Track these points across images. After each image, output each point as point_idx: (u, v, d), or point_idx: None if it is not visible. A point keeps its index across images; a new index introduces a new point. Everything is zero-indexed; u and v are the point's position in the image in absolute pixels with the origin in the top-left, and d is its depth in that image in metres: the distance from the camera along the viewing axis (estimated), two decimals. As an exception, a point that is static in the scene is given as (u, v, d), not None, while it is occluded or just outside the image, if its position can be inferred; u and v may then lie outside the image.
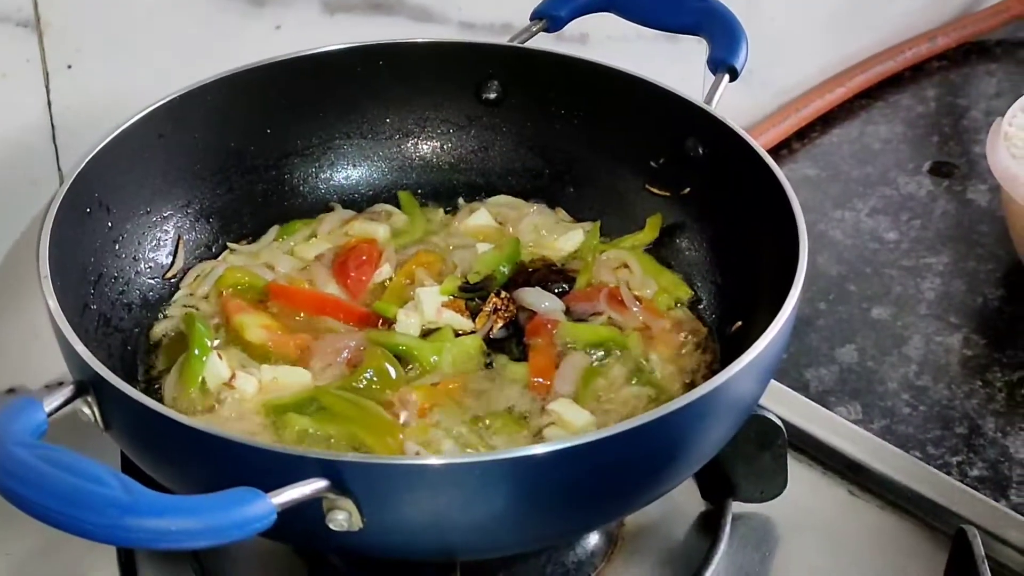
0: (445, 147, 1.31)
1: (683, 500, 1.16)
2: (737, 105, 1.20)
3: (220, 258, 1.22)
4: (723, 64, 1.20)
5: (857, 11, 1.84)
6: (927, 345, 1.39)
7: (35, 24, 1.12)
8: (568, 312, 1.17)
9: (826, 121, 1.80)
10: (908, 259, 1.53)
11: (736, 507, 1.15)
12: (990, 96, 1.85)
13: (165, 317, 1.16)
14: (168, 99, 1.16)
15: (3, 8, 1.10)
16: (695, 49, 1.51)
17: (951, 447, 1.26)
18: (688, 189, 1.22)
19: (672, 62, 1.52)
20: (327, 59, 1.24)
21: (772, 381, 1.04)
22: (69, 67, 1.15)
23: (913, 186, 1.66)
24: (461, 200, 1.30)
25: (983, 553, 1.05)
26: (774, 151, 1.70)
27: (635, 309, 1.16)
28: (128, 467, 0.97)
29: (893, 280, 1.49)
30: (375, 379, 1.06)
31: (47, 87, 1.15)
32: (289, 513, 0.80)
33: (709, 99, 1.18)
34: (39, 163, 1.18)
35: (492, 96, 1.29)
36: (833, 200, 1.63)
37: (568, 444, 0.86)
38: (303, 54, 1.23)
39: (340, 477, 0.83)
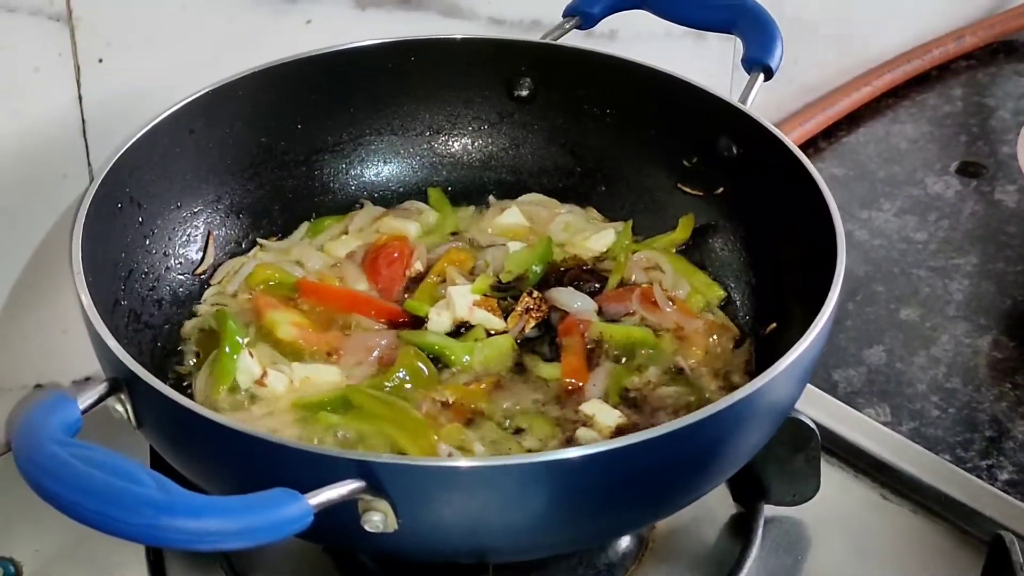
0: (476, 144, 1.30)
1: (714, 503, 1.15)
2: (763, 102, 1.19)
3: (250, 254, 1.22)
4: (758, 63, 1.19)
5: (883, 9, 1.84)
6: (956, 347, 1.39)
7: (67, 18, 1.11)
8: (600, 312, 1.16)
9: (852, 120, 1.79)
10: (936, 260, 1.52)
11: (768, 510, 1.15)
12: (1018, 96, 1.84)
13: (195, 314, 1.15)
14: (199, 94, 1.16)
15: (35, 2, 1.09)
16: (723, 47, 1.51)
17: (981, 450, 1.25)
18: (721, 189, 1.22)
19: (699, 60, 1.51)
20: (358, 54, 1.24)
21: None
22: (100, 61, 1.15)
23: (941, 186, 1.65)
24: (492, 198, 1.29)
25: (1021, 560, 1.04)
26: (800, 150, 1.69)
27: (668, 310, 1.15)
28: (157, 465, 0.96)
29: (921, 281, 1.48)
30: (407, 378, 1.06)
31: (78, 81, 1.15)
32: (324, 514, 0.80)
33: (744, 98, 1.17)
34: (69, 157, 1.17)
35: (524, 93, 1.28)
36: (860, 200, 1.62)
37: (603, 448, 0.85)
38: (334, 49, 1.23)
39: (376, 478, 0.83)
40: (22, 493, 0.80)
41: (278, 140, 1.24)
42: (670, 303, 1.16)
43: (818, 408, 1.23)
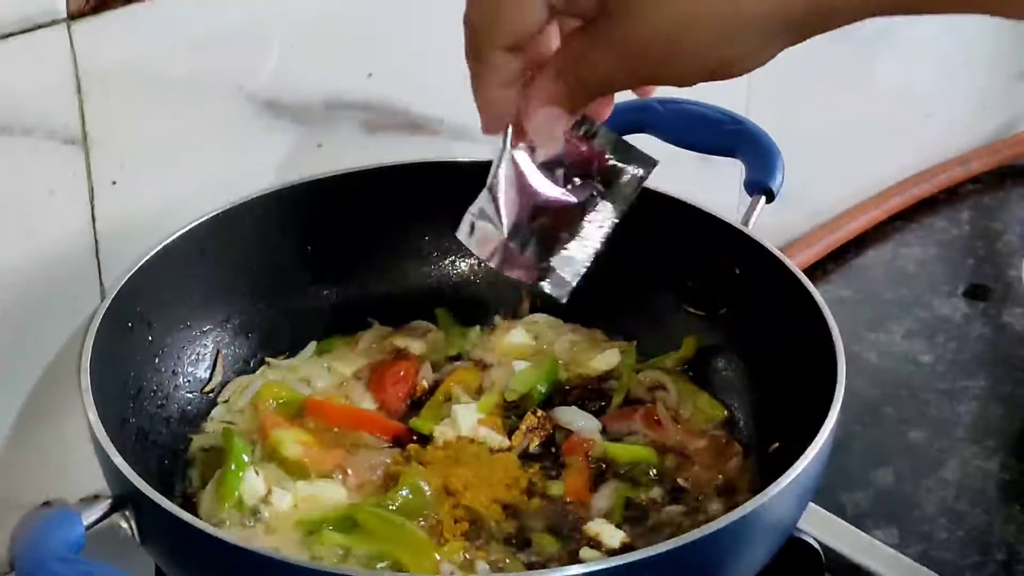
0: (482, 265, 1.31)
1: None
2: (771, 225, 1.21)
3: (258, 372, 1.22)
4: (759, 186, 1.21)
5: (891, 134, 1.86)
6: (964, 469, 1.38)
7: (82, 140, 1.13)
8: (604, 431, 1.17)
9: (860, 242, 1.80)
10: (944, 382, 1.52)
11: (773, 633, 1.14)
12: (1024, 220, 1.86)
13: (202, 432, 1.16)
14: (210, 215, 1.18)
15: (51, 125, 1.11)
16: (729, 170, 1.52)
17: (991, 574, 1.25)
18: (725, 309, 1.23)
19: (705, 182, 1.52)
20: (367, 177, 1.25)
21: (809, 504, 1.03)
22: (114, 183, 1.17)
23: (948, 308, 1.65)
24: (498, 318, 1.30)
25: None
26: (808, 272, 1.67)
27: (672, 429, 1.16)
28: (162, 581, 0.97)
29: (929, 403, 1.48)
30: (411, 496, 1.06)
31: (92, 202, 1.16)
32: (326, 632, 0.80)
33: (746, 220, 1.19)
34: (81, 278, 1.18)
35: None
36: (867, 322, 1.62)
37: (603, 566, 0.86)
38: (343, 172, 1.25)
39: (378, 596, 0.83)
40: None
41: (288, 261, 1.25)
42: (674, 422, 1.16)
43: (824, 529, 1.22)
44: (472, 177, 1.27)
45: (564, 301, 0.95)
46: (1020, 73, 2.04)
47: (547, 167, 0.93)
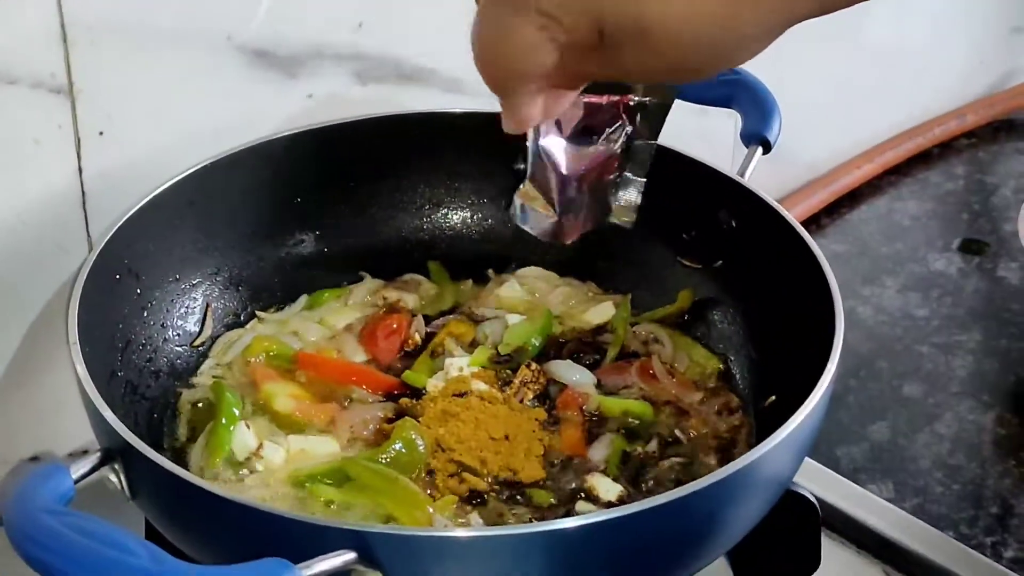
0: (475, 217, 1.31)
1: (714, 578, 1.14)
2: (765, 179, 1.20)
3: (248, 326, 1.21)
4: (756, 136, 1.20)
5: (886, 88, 1.84)
6: (959, 423, 1.38)
7: (68, 90, 1.12)
8: (599, 385, 1.16)
9: (854, 197, 1.79)
10: (939, 336, 1.51)
11: (769, 586, 1.14)
12: (1019, 174, 1.85)
13: (192, 385, 1.15)
14: (199, 167, 1.16)
15: (37, 74, 1.10)
16: (724, 123, 1.51)
17: (985, 527, 1.24)
18: (720, 262, 1.22)
19: (701, 136, 1.51)
20: (358, 128, 1.24)
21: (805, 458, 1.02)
22: (101, 134, 1.16)
23: (943, 263, 1.65)
24: (491, 271, 1.29)
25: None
26: (802, 226, 1.69)
27: (667, 382, 1.15)
28: (152, 535, 0.95)
29: (924, 357, 1.48)
30: (403, 450, 1.05)
31: (79, 153, 1.15)
32: (318, 585, 0.79)
33: (742, 171, 1.18)
34: (68, 229, 1.17)
35: (522, 167, 1.28)
36: (862, 277, 1.62)
37: (600, 518, 0.85)
38: (334, 123, 1.24)
39: (370, 549, 0.82)
40: (14, 564, 0.79)
41: (278, 213, 1.24)
42: (669, 376, 1.16)
43: (820, 483, 1.22)
44: (465, 129, 1.27)
45: (631, 227, 1.00)
46: (1016, 27, 2.03)
47: (576, 136, 0.95)
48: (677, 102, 1.28)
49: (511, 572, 0.86)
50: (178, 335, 1.17)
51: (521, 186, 0.98)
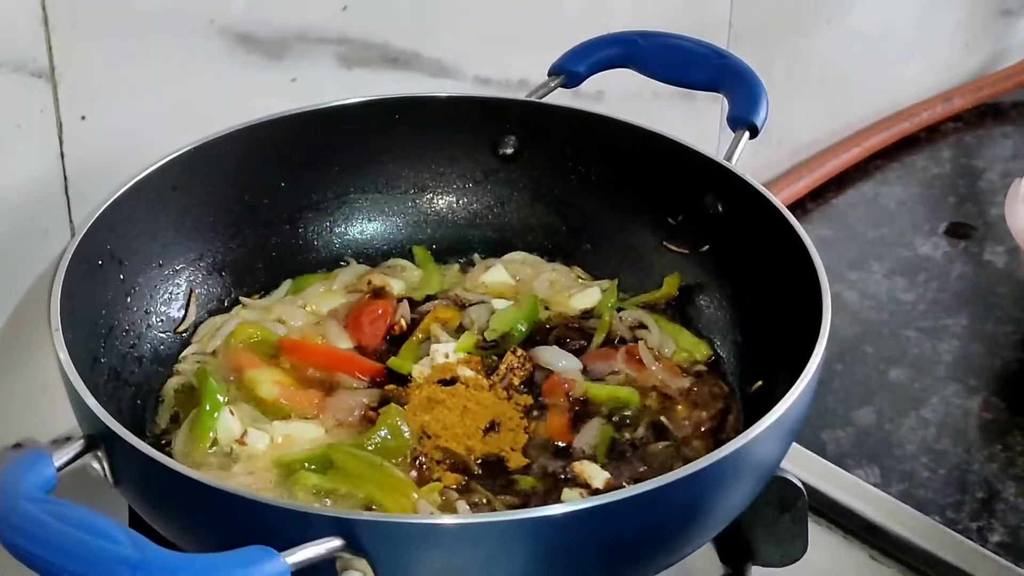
0: (461, 202, 1.30)
1: (701, 564, 1.14)
2: (751, 163, 1.19)
3: (232, 312, 1.21)
4: (743, 121, 1.19)
5: (873, 71, 1.84)
6: (945, 408, 1.38)
7: (50, 74, 1.11)
8: (585, 371, 1.15)
9: (840, 181, 1.79)
10: (925, 321, 1.51)
11: (755, 571, 1.13)
12: (1006, 158, 1.85)
13: (176, 372, 1.14)
14: (182, 151, 1.15)
15: (18, 57, 1.09)
16: (710, 108, 1.51)
17: (971, 512, 1.24)
18: (707, 247, 1.21)
19: (687, 120, 1.51)
20: (343, 112, 1.23)
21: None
22: (83, 118, 1.15)
23: (929, 247, 1.65)
24: (477, 256, 1.29)
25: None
26: (788, 210, 1.70)
27: (653, 368, 1.15)
28: (136, 523, 0.95)
29: (910, 342, 1.48)
30: (389, 437, 1.05)
31: (60, 138, 1.14)
32: (301, 573, 0.78)
33: (729, 156, 1.17)
34: (51, 214, 1.17)
35: (509, 151, 1.28)
36: (848, 261, 1.62)
37: (586, 505, 0.85)
38: (319, 107, 1.23)
39: (355, 536, 0.81)
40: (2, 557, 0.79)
41: (262, 198, 1.23)
42: (656, 361, 1.15)
43: (806, 469, 1.21)
44: (450, 113, 1.27)
45: None
46: (1003, 10, 2.03)
47: None
48: (662, 85, 1.29)
49: (497, 559, 0.85)
50: (161, 321, 1.16)
51: None
